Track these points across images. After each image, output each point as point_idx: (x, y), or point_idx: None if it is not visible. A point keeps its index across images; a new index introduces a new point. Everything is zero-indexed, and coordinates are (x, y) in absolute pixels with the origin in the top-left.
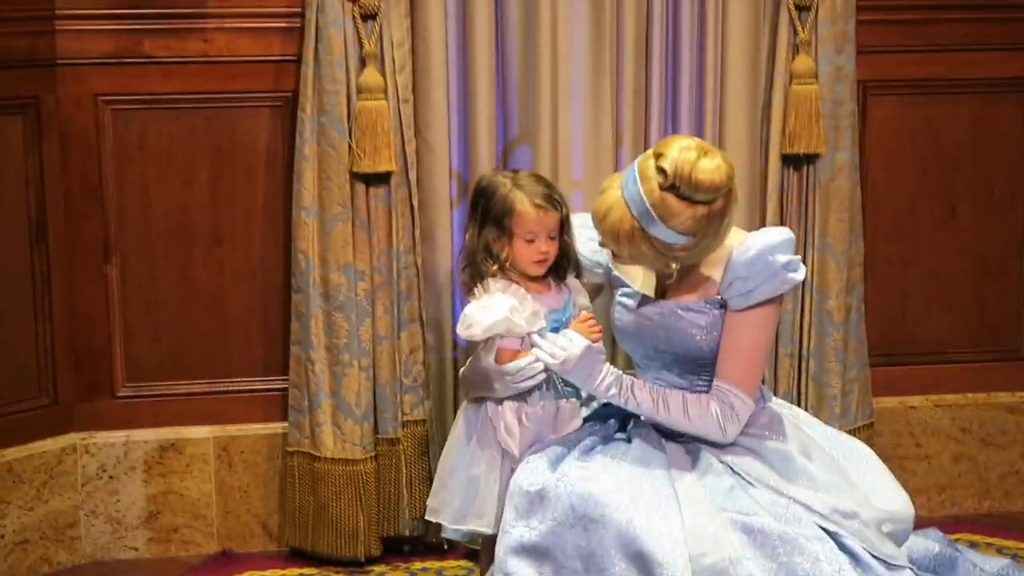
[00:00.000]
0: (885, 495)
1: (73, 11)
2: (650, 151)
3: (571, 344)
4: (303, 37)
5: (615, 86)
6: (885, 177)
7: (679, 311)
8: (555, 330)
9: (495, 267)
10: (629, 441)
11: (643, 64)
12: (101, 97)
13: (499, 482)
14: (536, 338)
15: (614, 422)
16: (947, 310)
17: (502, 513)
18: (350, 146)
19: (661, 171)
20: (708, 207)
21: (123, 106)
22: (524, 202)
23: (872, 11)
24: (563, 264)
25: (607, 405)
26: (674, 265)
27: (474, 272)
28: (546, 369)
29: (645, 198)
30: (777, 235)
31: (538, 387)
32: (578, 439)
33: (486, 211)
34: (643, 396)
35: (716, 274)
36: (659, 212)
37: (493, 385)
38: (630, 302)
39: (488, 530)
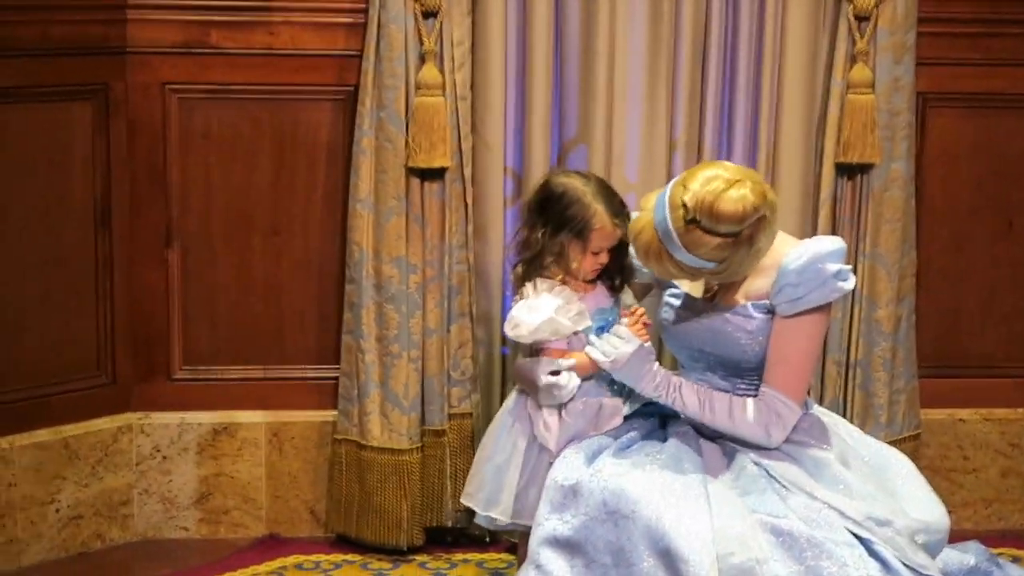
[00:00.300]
0: (921, 506)
1: (144, 1)
2: (684, 174)
3: (623, 343)
4: (365, 33)
5: (671, 90)
6: (942, 189)
7: (727, 315)
8: (601, 328)
9: (561, 273)
10: (666, 440)
11: (699, 69)
12: (168, 85)
13: (520, 473)
14: (592, 336)
15: (655, 420)
16: (1000, 324)
17: (516, 504)
18: (407, 141)
19: (683, 204)
20: (735, 237)
21: (189, 95)
22: (604, 218)
23: (933, 23)
24: (615, 269)
25: (649, 404)
26: (712, 280)
27: (532, 271)
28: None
29: (671, 226)
30: (829, 244)
31: (582, 383)
32: (616, 436)
33: (563, 216)
34: (690, 397)
35: (766, 280)
36: (684, 241)
37: (538, 396)
38: (677, 302)
39: (504, 519)
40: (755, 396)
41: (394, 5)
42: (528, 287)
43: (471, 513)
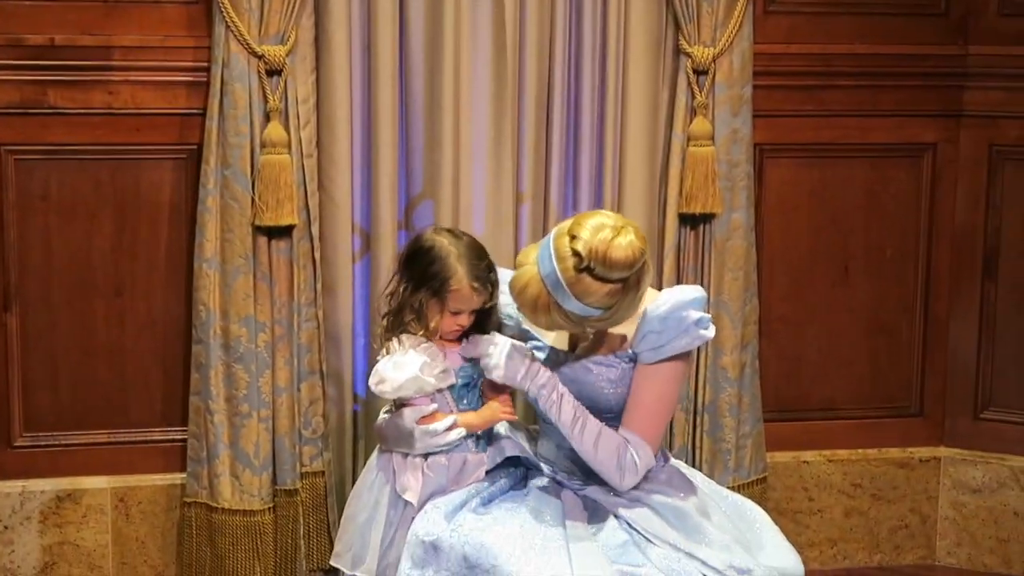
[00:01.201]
0: (778, 554)
1: None
2: (565, 226)
3: (496, 348)
4: (208, 91)
5: (516, 145)
6: (781, 238)
7: (589, 365)
8: (466, 386)
9: (421, 331)
10: (527, 493)
11: (544, 124)
12: (5, 147)
13: (384, 529)
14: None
15: (516, 474)
16: (840, 368)
17: (382, 562)
18: (253, 199)
19: (576, 253)
20: (623, 283)
21: (27, 156)
22: (463, 281)
23: (769, 76)
24: (484, 325)
25: (511, 459)
26: (589, 330)
27: (396, 325)
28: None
29: (560, 277)
30: (691, 292)
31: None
32: (477, 491)
33: (425, 274)
34: (567, 409)
35: (629, 329)
36: (575, 291)
37: (413, 443)
38: (540, 356)
39: None
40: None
41: (237, 63)
42: (394, 342)
43: (325, 573)
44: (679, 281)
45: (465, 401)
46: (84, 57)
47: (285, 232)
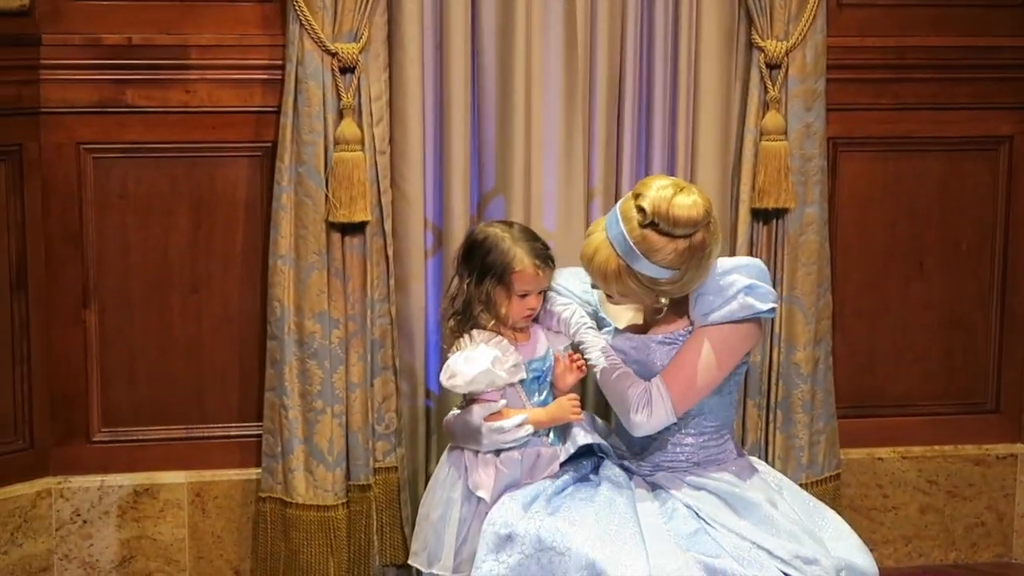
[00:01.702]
0: (848, 548)
1: (58, 60)
2: (630, 193)
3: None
4: (283, 89)
5: (587, 141)
6: (855, 232)
7: (651, 344)
8: (536, 379)
9: (492, 321)
10: (599, 484)
11: (615, 119)
12: (83, 145)
13: (458, 526)
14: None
15: (588, 465)
16: (915, 363)
17: (456, 559)
18: (327, 196)
19: (640, 210)
20: (688, 240)
21: (105, 154)
22: (525, 261)
23: (843, 70)
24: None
25: (584, 448)
26: (663, 300)
27: (465, 321)
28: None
29: (628, 236)
30: (744, 259)
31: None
32: (551, 481)
33: (485, 264)
34: (597, 356)
35: (685, 306)
36: (642, 249)
37: (480, 440)
38: (606, 336)
39: (445, 574)
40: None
41: (311, 61)
42: (465, 338)
43: (399, 568)
44: None
45: (536, 396)
46: (161, 56)
47: (358, 228)
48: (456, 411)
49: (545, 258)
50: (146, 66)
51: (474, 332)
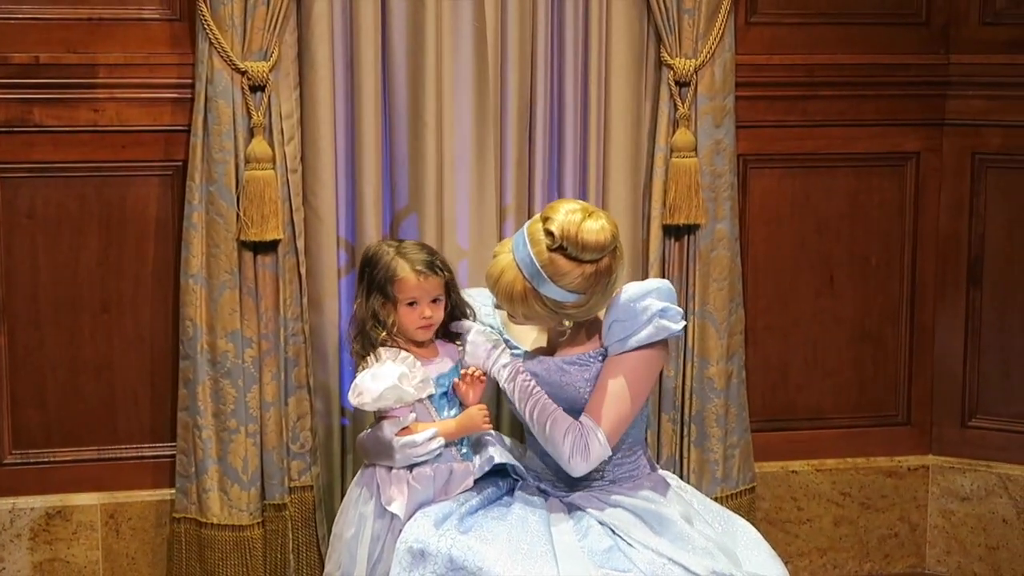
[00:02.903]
0: (762, 563)
1: None
2: (538, 215)
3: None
4: (192, 108)
5: (499, 159)
6: (766, 247)
7: (563, 365)
8: (445, 395)
9: (383, 334)
10: (511, 504)
11: (527, 137)
12: None
13: (371, 544)
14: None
15: (503, 484)
16: (827, 377)
17: (371, 575)
18: (238, 215)
19: (549, 233)
20: (595, 265)
21: (12, 174)
22: (405, 268)
23: (752, 87)
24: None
25: (498, 469)
26: (567, 323)
27: (364, 340)
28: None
29: (535, 259)
30: (653, 283)
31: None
32: (466, 499)
33: (371, 280)
34: (522, 389)
35: (598, 329)
36: (549, 272)
37: (393, 455)
38: (518, 361)
39: None
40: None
41: (221, 80)
42: (371, 356)
43: None
44: None
45: (446, 411)
46: (69, 75)
47: (271, 247)
48: (368, 429)
49: (428, 264)
50: (54, 85)
51: (380, 350)
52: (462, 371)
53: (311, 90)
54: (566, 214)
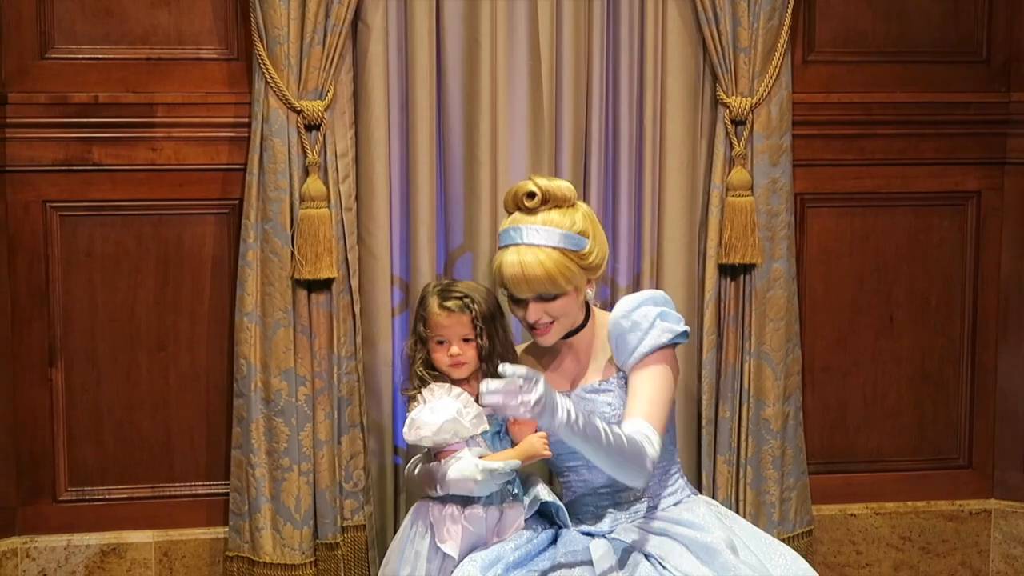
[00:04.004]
0: None
1: (24, 119)
2: (505, 219)
3: (534, 383)
4: (248, 146)
5: None
6: (823, 287)
7: (585, 395)
8: (496, 433)
9: (423, 370)
10: (555, 559)
11: (582, 176)
12: (50, 203)
13: None
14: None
15: (546, 536)
16: (886, 418)
17: None
18: (292, 253)
19: (531, 195)
20: (578, 208)
21: (71, 212)
22: (433, 305)
23: (808, 126)
24: (494, 362)
25: (543, 514)
26: (590, 292)
27: (414, 377)
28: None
29: (537, 227)
30: (645, 293)
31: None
32: (516, 545)
33: (416, 317)
34: (593, 422)
35: (607, 351)
36: (556, 226)
37: (436, 488)
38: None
39: None
40: None
41: (277, 119)
42: (425, 392)
43: None
44: (720, 332)
45: (500, 447)
46: (128, 114)
47: (325, 285)
48: (416, 464)
49: (454, 302)
50: (112, 124)
51: (433, 385)
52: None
53: (366, 129)
54: (527, 182)
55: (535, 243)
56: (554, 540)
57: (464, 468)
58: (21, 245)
